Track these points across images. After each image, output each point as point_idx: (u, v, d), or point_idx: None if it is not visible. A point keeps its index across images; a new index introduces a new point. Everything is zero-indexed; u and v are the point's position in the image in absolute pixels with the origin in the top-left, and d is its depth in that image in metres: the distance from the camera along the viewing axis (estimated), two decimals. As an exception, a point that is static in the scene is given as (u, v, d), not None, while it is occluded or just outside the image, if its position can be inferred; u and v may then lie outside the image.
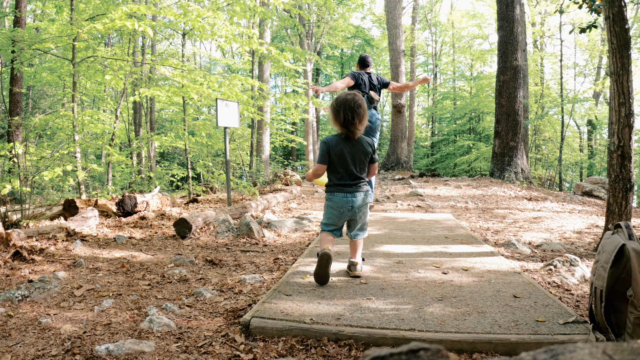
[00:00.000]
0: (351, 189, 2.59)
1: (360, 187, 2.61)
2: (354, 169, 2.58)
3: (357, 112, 2.50)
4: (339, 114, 2.52)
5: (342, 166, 2.58)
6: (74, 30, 5.93)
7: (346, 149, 2.56)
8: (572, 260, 2.93)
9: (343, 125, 2.53)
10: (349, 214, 2.62)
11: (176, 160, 16.50)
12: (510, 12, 9.63)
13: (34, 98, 14.00)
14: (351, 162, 2.57)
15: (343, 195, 2.58)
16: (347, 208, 2.59)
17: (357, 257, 2.70)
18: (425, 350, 0.43)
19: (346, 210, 2.60)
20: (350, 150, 2.57)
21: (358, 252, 2.71)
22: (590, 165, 18.17)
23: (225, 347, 1.79)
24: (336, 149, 2.56)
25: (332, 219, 2.65)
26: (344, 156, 2.56)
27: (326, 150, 2.58)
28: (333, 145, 2.57)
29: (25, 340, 1.81)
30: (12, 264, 2.96)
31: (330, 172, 2.63)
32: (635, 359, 0.38)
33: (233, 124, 5.67)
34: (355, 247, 2.71)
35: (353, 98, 2.52)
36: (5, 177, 5.41)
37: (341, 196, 2.58)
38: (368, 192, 2.67)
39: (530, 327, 1.89)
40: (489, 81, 18.99)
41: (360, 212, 2.64)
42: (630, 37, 3.36)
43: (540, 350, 0.42)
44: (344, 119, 2.50)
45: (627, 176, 3.28)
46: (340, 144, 2.57)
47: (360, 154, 2.59)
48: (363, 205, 2.64)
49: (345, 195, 2.58)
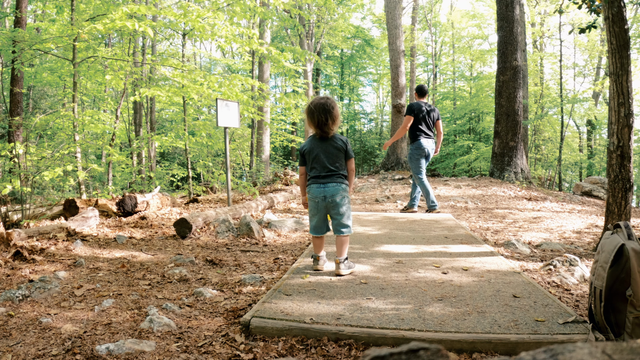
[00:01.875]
0: (324, 180, 2.76)
1: (333, 179, 2.76)
2: (326, 163, 2.76)
3: (330, 113, 2.71)
4: (313, 116, 2.73)
5: (316, 162, 2.78)
6: (74, 30, 5.94)
7: (320, 147, 2.78)
8: (571, 260, 2.93)
9: (317, 126, 2.74)
10: (323, 204, 2.77)
11: (176, 160, 16.50)
12: (510, 13, 9.63)
13: (35, 98, 14.00)
14: (324, 157, 2.77)
15: (317, 186, 2.76)
16: (321, 198, 2.76)
17: (341, 255, 2.76)
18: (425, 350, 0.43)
19: (320, 200, 2.77)
20: (323, 148, 2.78)
21: (341, 249, 2.77)
22: (589, 165, 18.17)
23: (225, 347, 1.80)
24: (310, 149, 2.80)
25: (311, 211, 2.83)
26: (318, 153, 2.78)
27: (301, 154, 2.87)
28: (307, 148, 2.82)
29: (26, 340, 1.81)
30: (13, 264, 2.96)
31: (309, 170, 2.84)
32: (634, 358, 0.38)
33: (233, 124, 5.67)
34: (338, 243, 2.79)
35: (326, 102, 2.74)
36: (6, 177, 5.42)
37: (315, 187, 2.77)
38: (342, 185, 2.79)
39: (530, 327, 1.89)
40: (488, 81, 18.99)
41: (334, 202, 2.76)
42: (630, 37, 3.36)
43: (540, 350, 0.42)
44: (317, 120, 2.72)
45: (626, 176, 3.29)
46: (314, 143, 2.80)
47: (333, 149, 2.78)
48: (337, 195, 2.75)
49: (319, 186, 2.76)
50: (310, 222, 2.84)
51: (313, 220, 2.82)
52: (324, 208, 2.79)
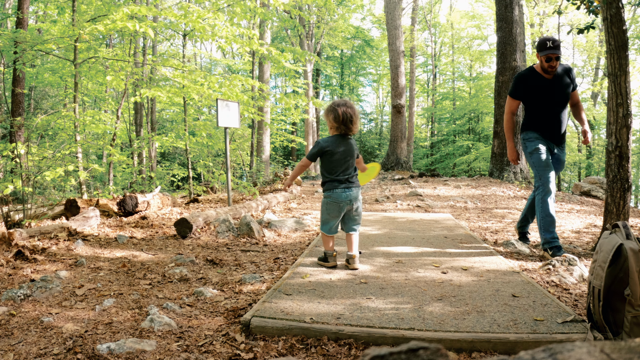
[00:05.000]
0: (349, 184, 2.83)
1: (355, 182, 2.88)
2: (350, 166, 2.84)
3: (354, 110, 2.79)
4: (337, 113, 2.75)
5: (339, 164, 2.81)
6: (75, 31, 5.95)
7: (343, 147, 2.81)
8: (570, 259, 2.94)
9: (342, 122, 2.76)
10: (347, 207, 2.86)
11: (177, 160, 16.50)
12: (509, 13, 9.64)
13: (36, 99, 14.02)
14: (348, 160, 2.83)
15: (342, 190, 2.82)
16: (347, 202, 2.83)
17: (354, 250, 2.89)
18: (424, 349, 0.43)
19: (345, 204, 2.84)
20: (346, 149, 2.82)
21: (355, 245, 2.91)
22: (588, 166, 18.19)
23: (225, 346, 1.81)
24: (333, 149, 2.79)
25: (332, 213, 2.86)
26: (342, 155, 2.81)
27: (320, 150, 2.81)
28: (331, 147, 2.79)
29: (28, 339, 1.82)
30: (15, 264, 2.97)
31: (329, 170, 2.84)
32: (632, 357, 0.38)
33: (233, 124, 5.69)
34: (351, 241, 2.91)
35: (347, 100, 2.83)
36: (8, 177, 5.43)
37: (340, 191, 2.82)
38: (360, 188, 2.93)
39: (529, 326, 1.90)
40: (488, 82, 19.01)
41: (357, 205, 2.88)
42: (628, 38, 3.38)
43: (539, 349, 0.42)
44: (343, 117, 2.74)
45: (625, 176, 3.30)
46: (338, 142, 2.81)
47: (352, 151, 2.85)
48: (359, 198, 2.90)
49: (344, 190, 2.82)
50: (328, 224, 2.90)
51: (331, 222, 2.89)
52: (346, 210, 2.87)
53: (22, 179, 4.83)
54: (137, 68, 8.51)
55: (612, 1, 3.20)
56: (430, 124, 26.17)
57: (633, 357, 0.38)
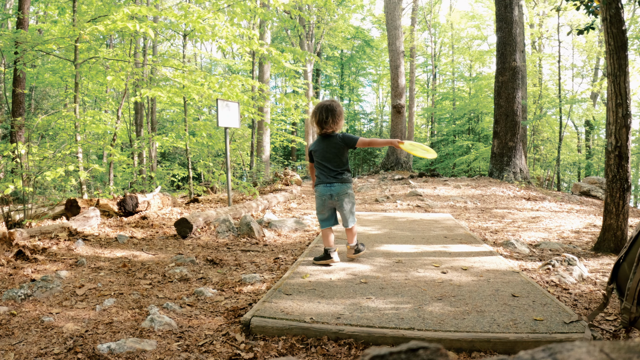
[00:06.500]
0: (329, 180, 2.99)
1: (337, 179, 3.00)
2: (330, 165, 2.99)
3: (332, 112, 2.92)
4: (315, 115, 2.96)
5: (321, 162, 3.02)
6: (76, 31, 5.95)
7: (323, 147, 2.99)
8: (570, 259, 2.95)
9: (318, 123, 2.96)
10: (329, 201, 3.02)
11: (177, 160, 16.51)
12: (509, 14, 9.65)
13: (37, 99, 14.02)
14: (328, 158, 2.98)
15: (323, 186, 3.01)
16: (327, 196, 3.00)
17: (353, 241, 3.12)
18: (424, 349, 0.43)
19: (327, 198, 3.01)
20: (327, 148, 2.97)
21: (352, 237, 3.12)
22: (588, 166, 18.19)
23: (225, 346, 1.81)
24: (315, 149, 3.03)
25: (318, 208, 3.08)
26: (322, 154, 3.00)
27: (310, 154, 3.12)
28: (313, 148, 3.05)
29: (28, 339, 1.83)
30: (15, 263, 2.98)
31: (317, 167, 3.09)
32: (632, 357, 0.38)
33: (233, 125, 5.69)
34: (348, 234, 3.13)
35: (330, 103, 2.97)
36: (8, 177, 5.43)
37: (322, 187, 3.02)
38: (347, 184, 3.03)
39: (529, 326, 1.91)
40: (487, 82, 19.01)
41: (341, 199, 3.01)
42: (627, 38, 3.38)
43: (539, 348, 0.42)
44: (319, 118, 2.94)
45: (624, 176, 3.30)
46: (318, 143, 3.02)
47: (334, 149, 2.96)
48: (342, 194, 3.00)
49: (325, 186, 3.00)
50: (318, 217, 3.13)
51: (319, 216, 3.10)
52: (330, 204, 3.04)
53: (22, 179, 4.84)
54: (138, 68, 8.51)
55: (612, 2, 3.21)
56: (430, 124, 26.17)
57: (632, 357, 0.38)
